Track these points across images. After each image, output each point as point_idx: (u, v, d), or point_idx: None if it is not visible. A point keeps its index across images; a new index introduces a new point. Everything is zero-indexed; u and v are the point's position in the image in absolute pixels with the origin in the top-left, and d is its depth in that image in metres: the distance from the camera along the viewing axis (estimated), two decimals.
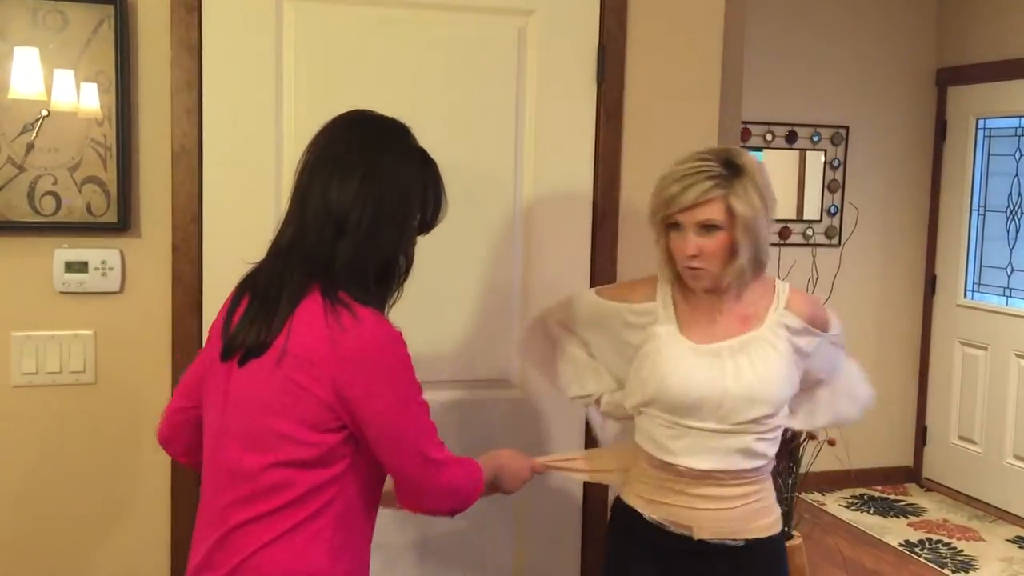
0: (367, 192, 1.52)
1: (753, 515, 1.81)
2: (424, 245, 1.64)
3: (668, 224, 1.75)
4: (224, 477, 1.54)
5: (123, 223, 2.05)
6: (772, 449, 1.81)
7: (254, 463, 1.50)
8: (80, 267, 2.04)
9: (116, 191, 2.04)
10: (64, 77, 1.98)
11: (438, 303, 2.26)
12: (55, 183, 2.01)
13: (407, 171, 1.57)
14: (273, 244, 1.58)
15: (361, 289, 1.51)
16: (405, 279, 1.62)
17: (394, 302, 1.62)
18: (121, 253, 2.07)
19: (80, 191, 2.02)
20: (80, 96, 2.00)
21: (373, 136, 1.58)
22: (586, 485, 2.37)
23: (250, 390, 1.53)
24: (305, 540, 1.49)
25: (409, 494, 1.58)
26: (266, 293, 1.54)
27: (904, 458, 5.41)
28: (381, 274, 1.56)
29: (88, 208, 2.03)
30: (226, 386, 1.55)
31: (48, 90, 1.98)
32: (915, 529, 4.76)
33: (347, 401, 1.47)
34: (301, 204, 1.54)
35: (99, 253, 2.05)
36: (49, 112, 1.99)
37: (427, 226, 1.64)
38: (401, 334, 1.52)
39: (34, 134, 1.99)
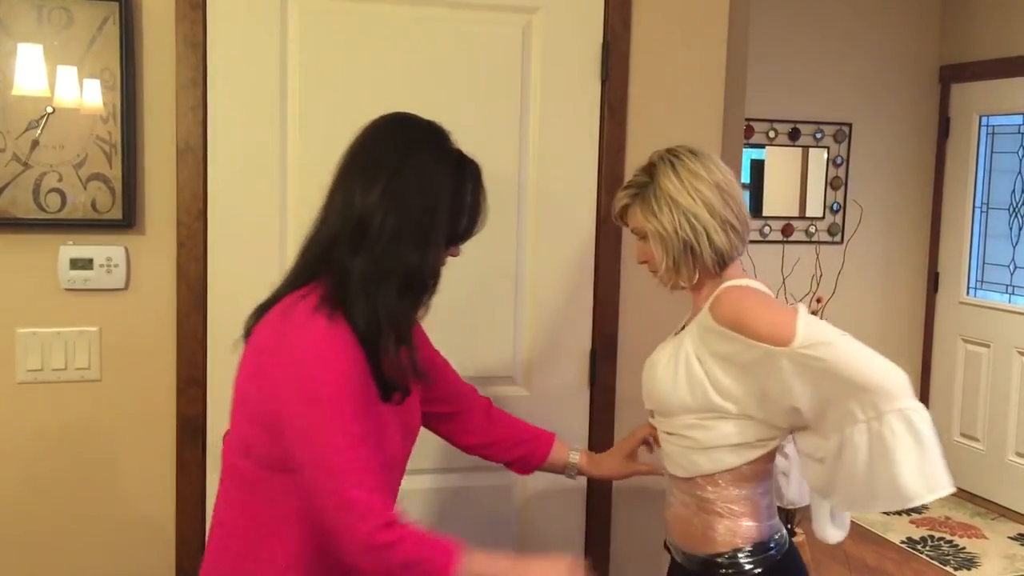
0: (391, 198, 1.44)
1: (688, 526, 1.74)
2: None
3: None
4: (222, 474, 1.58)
5: (128, 220, 2.05)
6: (700, 464, 1.69)
7: (228, 454, 1.54)
8: (85, 264, 2.04)
9: (121, 188, 2.04)
10: (69, 74, 1.99)
11: (440, 298, 2.25)
12: (60, 180, 2.01)
13: (437, 177, 1.48)
14: (303, 243, 1.55)
15: (368, 302, 1.42)
16: (432, 294, 1.53)
17: (421, 317, 1.56)
18: (126, 250, 2.07)
19: (85, 188, 2.03)
20: (85, 93, 2.00)
21: (404, 139, 1.51)
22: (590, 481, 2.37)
23: (236, 379, 1.54)
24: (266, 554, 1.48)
25: (327, 528, 1.39)
26: (278, 288, 1.55)
27: None
28: (404, 288, 1.46)
29: (93, 205, 2.03)
30: None
31: (52, 87, 1.98)
32: (917, 526, 4.77)
33: (278, 403, 1.41)
34: (327, 206, 1.50)
35: (104, 250, 2.05)
36: (54, 109, 1.99)
37: (460, 237, 1.56)
38: (348, 358, 1.39)
39: (39, 131, 1.99)
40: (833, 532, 1.84)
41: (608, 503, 2.38)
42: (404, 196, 1.45)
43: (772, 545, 1.72)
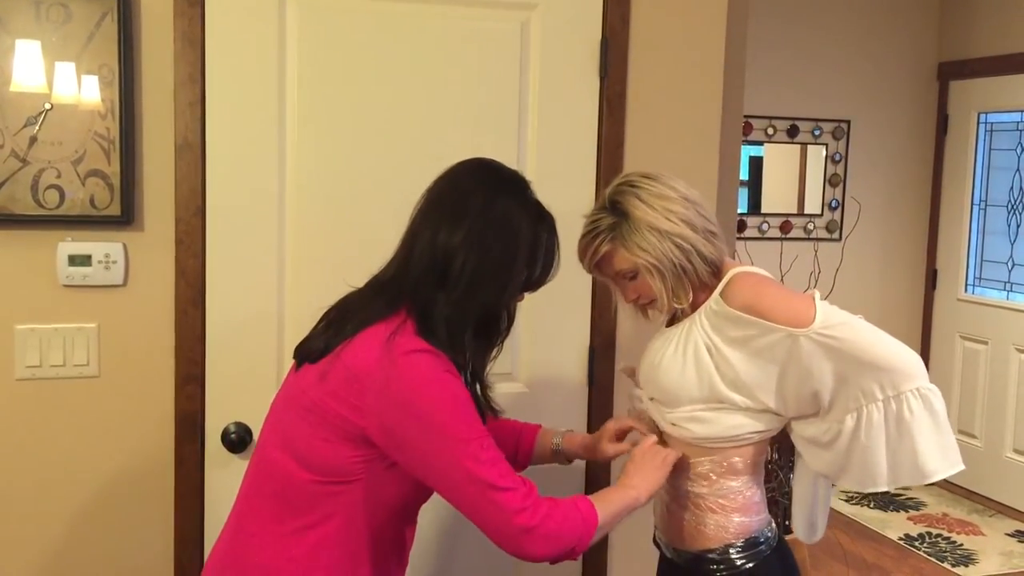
0: (473, 239, 1.50)
1: (678, 521, 1.75)
2: None
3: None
4: (257, 473, 1.60)
5: (126, 216, 2.05)
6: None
7: (278, 459, 1.54)
8: (83, 260, 2.04)
9: (119, 184, 2.04)
10: (67, 70, 1.98)
11: None
12: (58, 176, 2.01)
13: (517, 226, 1.55)
14: (374, 277, 1.59)
15: (449, 340, 1.49)
16: (506, 336, 1.60)
17: (494, 358, 1.61)
18: (124, 246, 2.07)
19: (83, 184, 2.03)
20: (83, 89, 2.00)
21: (489, 186, 1.57)
22: (588, 471, 2.37)
23: (295, 389, 1.57)
24: (304, 549, 1.52)
25: (492, 536, 1.49)
26: (346, 309, 1.57)
27: None
28: (480, 328, 1.54)
29: (91, 201, 2.03)
30: (282, 390, 1.63)
31: (50, 83, 1.97)
32: (915, 523, 4.78)
33: (386, 435, 1.47)
34: (409, 244, 1.56)
35: (102, 246, 2.05)
36: (52, 105, 1.99)
37: (534, 284, 1.61)
38: (454, 376, 1.49)
39: (37, 127, 1.99)
40: (811, 532, 1.86)
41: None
42: (485, 241, 1.51)
43: (762, 540, 1.72)
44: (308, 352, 1.57)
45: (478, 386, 1.61)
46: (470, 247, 1.50)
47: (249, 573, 1.54)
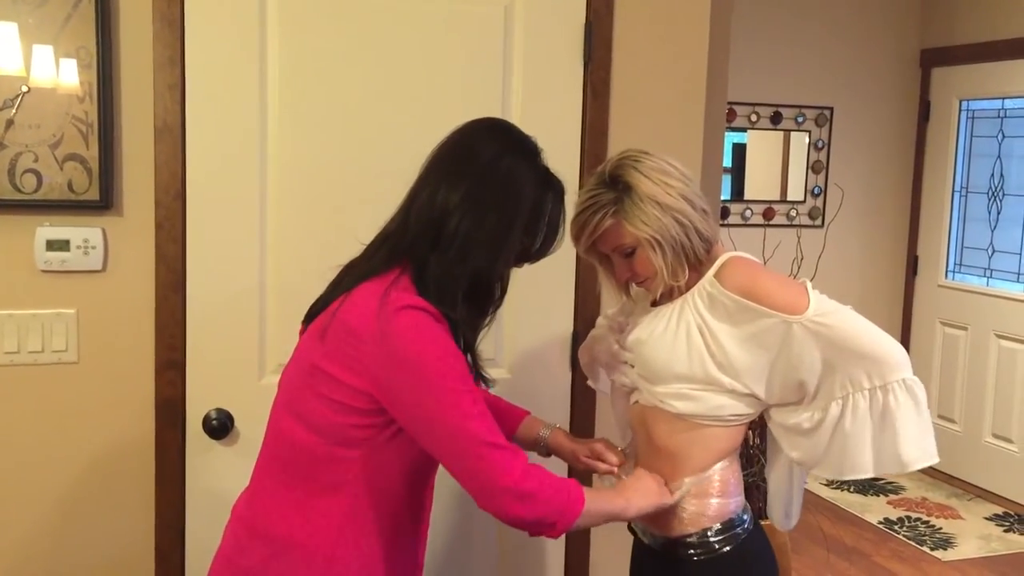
0: (470, 203, 1.46)
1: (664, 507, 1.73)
2: None
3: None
4: (269, 437, 1.58)
5: (105, 201, 2.03)
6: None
7: (286, 423, 1.53)
8: (62, 245, 2.02)
9: (98, 168, 2.02)
10: (44, 53, 1.95)
11: None
12: (36, 160, 1.99)
13: (519, 189, 1.49)
14: (378, 234, 1.56)
15: (439, 302, 1.44)
16: (499, 306, 1.55)
17: (488, 325, 1.57)
18: (103, 231, 2.05)
19: (61, 168, 2.00)
20: (60, 72, 1.98)
21: (496, 146, 1.52)
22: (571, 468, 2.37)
23: (300, 352, 1.55)
24: (313, 514, 1.51)
25: (473, 491, 1.44)
26: (349, 266, 1.55)
27: None
28: (471, 294, 1.48)
29: (70, 186, 2.01)
30: (292, 355, 1.59)
31: (28, 66, 1.95)
32: (894, 507, 4.82)
33: (381, 388, 1.44)
34: (410, 200, 1.52)
35: (81, 231, 2.03)
36: (29, 88, 1.96)
37: (534, 255, 1.57)
38: (447, 336, 1.44)
39: (14, 110, 1.96)
40: (786, 520, 1.87)
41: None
42: (483, 203, 1.46)
43: (739, 523, 1.73)
44: (311, 312, 1.56)
45: (470, 356, 1.56)
46: (467, 208, 1.46)
47: (267, 538, 1.52)
